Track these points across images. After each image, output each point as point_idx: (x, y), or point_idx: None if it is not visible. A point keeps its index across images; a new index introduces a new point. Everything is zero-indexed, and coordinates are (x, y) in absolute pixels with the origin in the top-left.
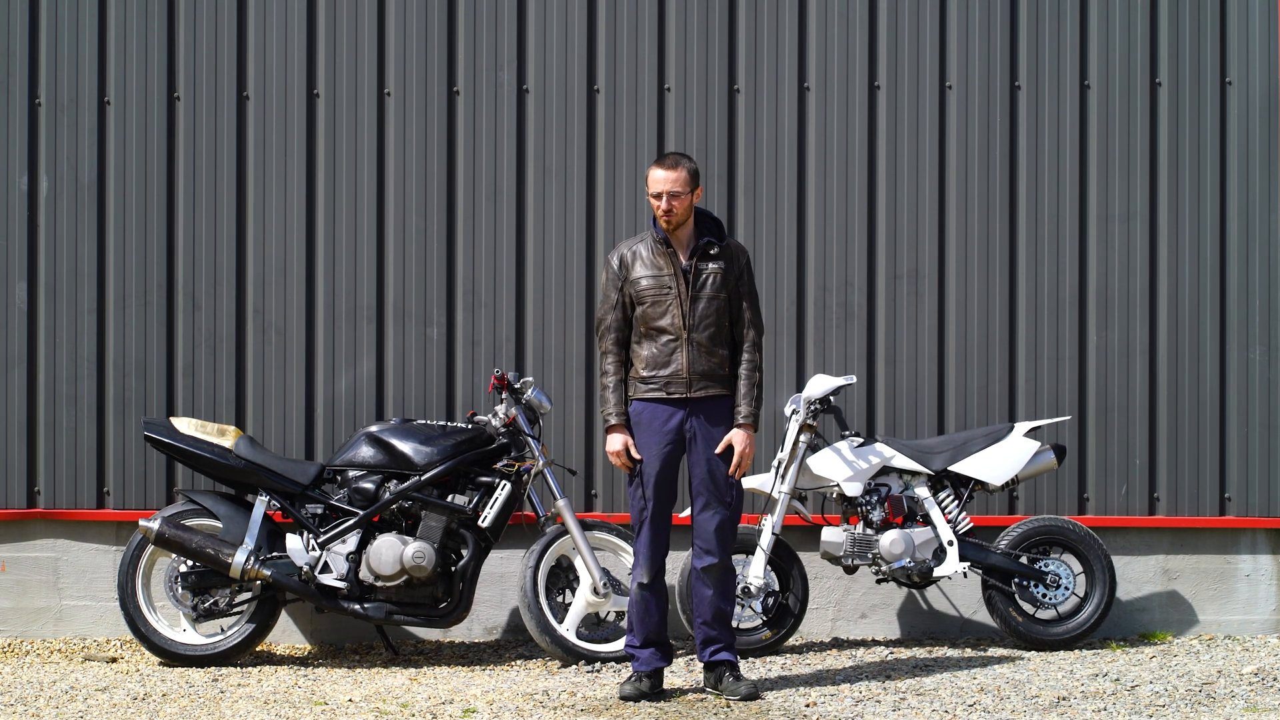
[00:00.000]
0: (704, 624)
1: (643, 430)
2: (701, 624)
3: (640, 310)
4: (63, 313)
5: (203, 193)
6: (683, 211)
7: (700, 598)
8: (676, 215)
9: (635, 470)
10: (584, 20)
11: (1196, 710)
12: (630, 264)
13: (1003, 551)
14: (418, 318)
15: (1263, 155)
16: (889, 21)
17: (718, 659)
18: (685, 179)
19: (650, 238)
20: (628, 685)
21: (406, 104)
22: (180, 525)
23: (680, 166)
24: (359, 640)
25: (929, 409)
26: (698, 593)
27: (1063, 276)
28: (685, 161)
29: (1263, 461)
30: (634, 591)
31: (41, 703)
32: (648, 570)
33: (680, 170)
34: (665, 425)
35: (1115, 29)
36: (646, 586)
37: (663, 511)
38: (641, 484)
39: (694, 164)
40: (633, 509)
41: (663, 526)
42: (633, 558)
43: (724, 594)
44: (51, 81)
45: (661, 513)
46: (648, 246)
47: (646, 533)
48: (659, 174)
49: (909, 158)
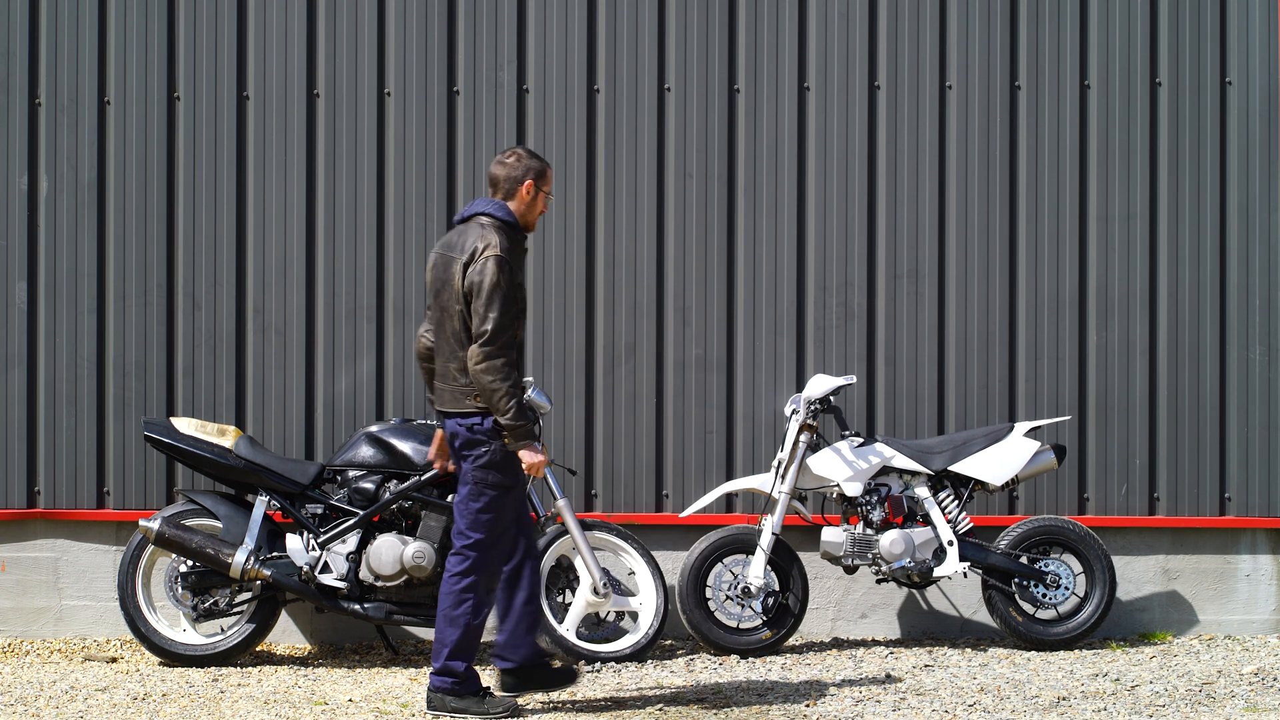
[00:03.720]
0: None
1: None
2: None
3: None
4: (63, 313)
5: (203, 193)
6: None
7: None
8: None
9: (517, 483)
10: (584, 20)
11: (1196, 710)
12: (514, 265)
13: (1003, 551)
14: (418, 317)
15: (1263, 155)
16: (889, 21)
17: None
18: None
19: (509, 238)
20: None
21: (406, 104)
22: (180, 525)
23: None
24: (359, 640)
25: (929, 409)
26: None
27: (1063, 276)
28: None
29: (1263, 461)
30: (538, 607)
31: (41, 703)
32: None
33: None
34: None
35: (1115, 29)
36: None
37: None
38: (511, 499)
39: None
40: (494, 523)
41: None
42: (529, 573)
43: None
44: (51, 81)
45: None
46: (515, 246)
47: (505, 544)
48: (551, 172)
49: (909, 158)
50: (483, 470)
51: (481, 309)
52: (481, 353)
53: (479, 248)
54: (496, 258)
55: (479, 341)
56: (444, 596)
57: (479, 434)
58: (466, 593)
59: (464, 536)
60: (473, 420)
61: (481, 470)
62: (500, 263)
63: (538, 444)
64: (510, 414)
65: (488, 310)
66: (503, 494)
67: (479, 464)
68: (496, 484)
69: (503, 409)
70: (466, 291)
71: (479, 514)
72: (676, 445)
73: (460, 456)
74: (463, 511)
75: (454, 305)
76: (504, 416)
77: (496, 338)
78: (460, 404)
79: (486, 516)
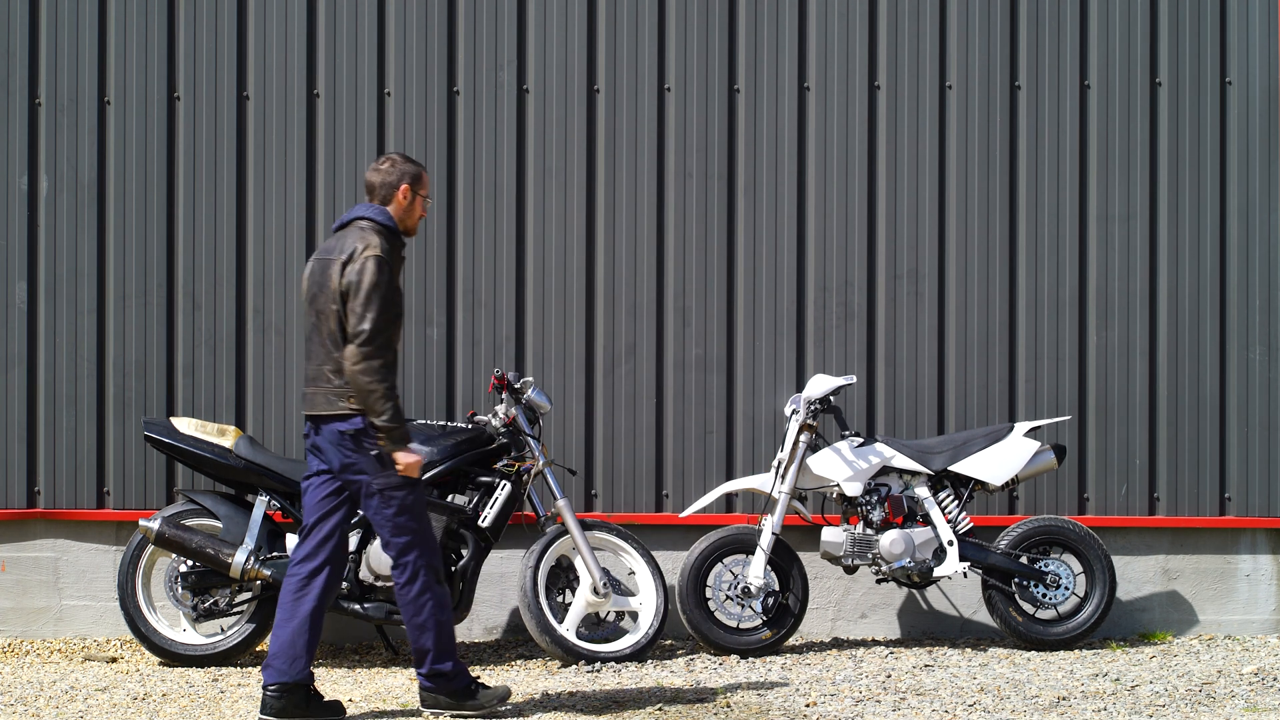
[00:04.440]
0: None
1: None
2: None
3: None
4: (63, 313)
5: (203, 193)
6: None
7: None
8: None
9: (410, 484)
10: (584, 20)
11: (1196, 710)
12: (394, 267)
13: (1003, 551)
14: (418, 318)
15: (1263, 155)
16: (889, 21)
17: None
18: None
19: (389, 241)
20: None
21: (406, 104)
22: (180, 525)
23: None
24: (359, 640)
25: (929, 409)
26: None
27: (1063, 276)
28: None
29: (1263, 461)
30: (444, 592)
31: (41, 703)
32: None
33: None
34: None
35: (1115, 29)
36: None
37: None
38: (419, 492)
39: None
40: (413, 521)
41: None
42: (428, 572)
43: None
44: (51, 81)
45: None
46: (394, 250)
47: (432, 534)
48: (427, 175)
49: (909, 158)
50: (383, 477)
51: (360, 308)
52: (359, 353)
53: (358, 248)
54: (376, 258)
55: (356, 341)
56: (404, 609)
57: (366, 440)
58: (422, 596)
59: (394, 546)
60: (354, 424)
61: (382, 477)
62: (380, 263)
63: (413, 446)
64: (386, 415)
65: (366, 310)
66: (411, 489)
67: (377, 471)
68: (400, 484)
69: (379, 410)
70: (344, 291)
71: (396, 519)
72: (676, 445)
73: (348, 467)
74: (381, 524)
75: (330, 306)
76: (380, 418)
77: (375, 338)
78: (334, 406)
79: (404, 518)
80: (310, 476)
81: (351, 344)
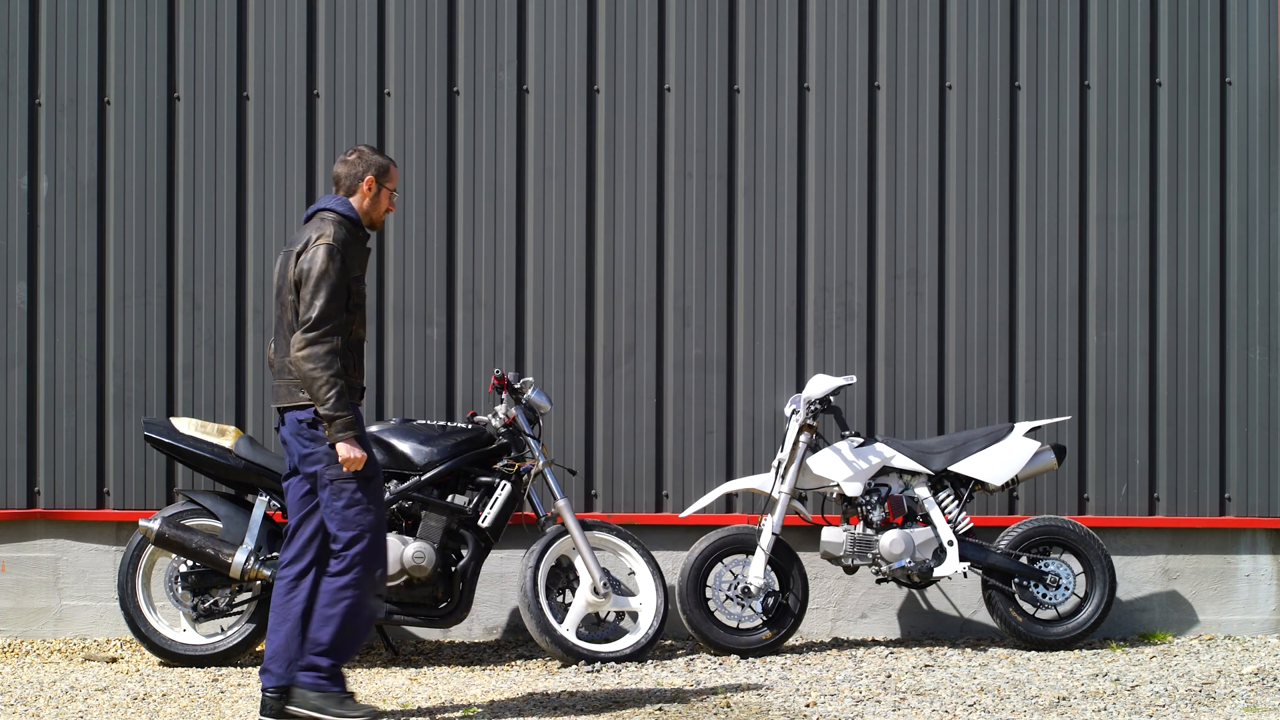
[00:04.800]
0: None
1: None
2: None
3: (347, 315)
4: (63, 313)
5: (203, 193)
6: None
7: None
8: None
9: (376, 471)
10: (584, 20)
11: (1196, 710)
12: (348, 257)
13: (1003, 551)
14: (418, 318)
15: (1263, 155)
16: (889, 21)
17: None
18: None
19: (347, 232)
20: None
21: (406, 104)
22: (180, 525)
23: None
24: None
25: (929, 409)
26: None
27: (1063, 276)
28: None
29: (1263, 461)
30: (369, 603)
31: (41, 703)
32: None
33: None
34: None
35: (1115, 29)
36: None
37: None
38: (372, 489)
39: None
40: (362, 515)
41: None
42: (364, 571)
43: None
44: (51, 81)
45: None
46: (354, 241)
47: (383, 539)
48: (395, 169)
49: (909, 158)
50: (336, 467)
51: (308, 296)
52: (304, 339)
53: (312, 237)
54: (327, 245)
55: (303, 328)
56: (321, 594)
57: (321, 428)
58: (344, 590)
59: (338, 539)
60: (309, 413)
61: (335, 467)
62: (330, 250)
63: (358, 436)
64: (330, 404)
65: (314, 297)
66: (364, 484)
67: (332, 461)
68: (352, 475)
69: (322, 398)
70: (296, 280)
71: (345, 511)
72: (676, 445)
73: (306, 457)
74: (330, 515)
75: (288, 297)
76: (323, 406)
77: (320, 324)
78: (295, 397)
79: (354, 511)
80: (289, 476)
81: (298, 330)
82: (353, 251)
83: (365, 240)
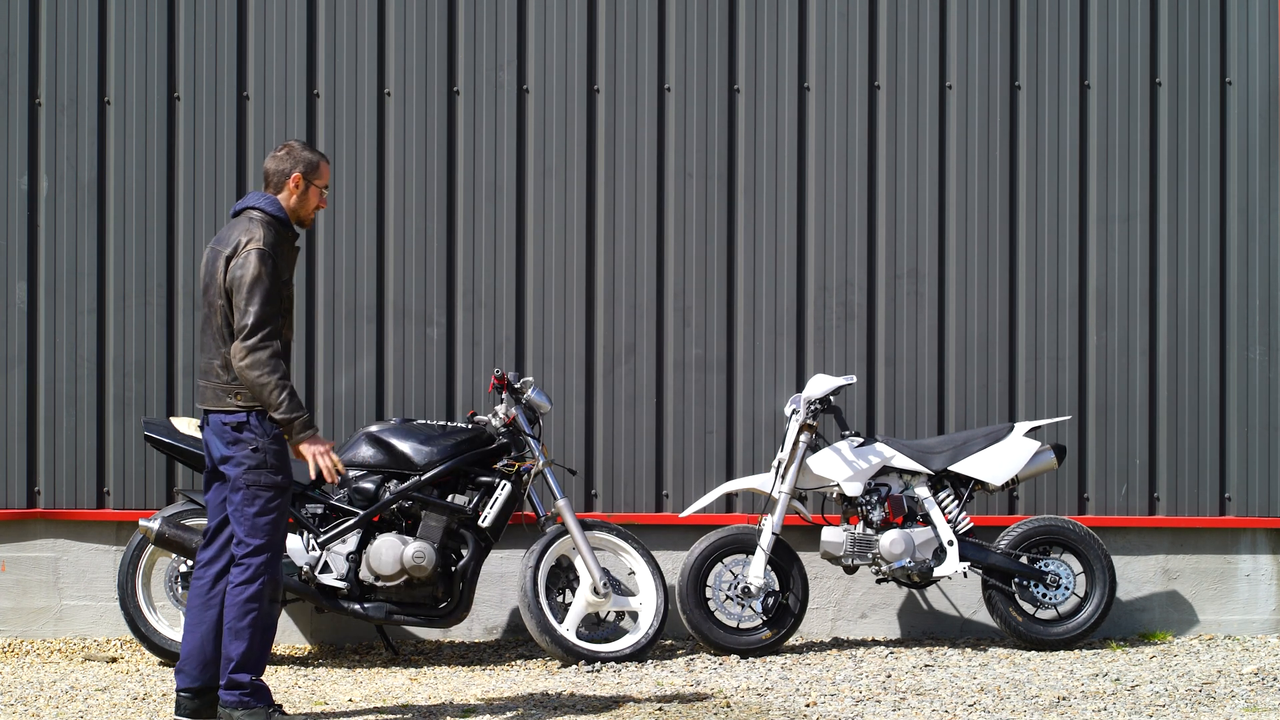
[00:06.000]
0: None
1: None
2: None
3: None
4: (63, 313)
5: (203, 193)
6: None
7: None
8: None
9: (278, 489)
10: (584, 20)
11: (1196, 710)
12: (278, 259)
13: (1003, 551)
14: (418, 318)
15: (1263, 155)
16: (889, 21)
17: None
18: None
19: (275, 230)
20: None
21: (406, 104)
22: (180, 525)
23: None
24: (359, 640)
25: (929, 409)
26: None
27: (1063, 276)
28: None
29: (1263, 461)
30: (273, 611)
31: (41, 703)
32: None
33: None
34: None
35: (1115, 29)
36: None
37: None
38: (285, 501)
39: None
40: (272, 527)
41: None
42: (269, 582)
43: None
44: (51, 81)
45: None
46: (283, 241)
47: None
48: (326, 166)
49: (909, 158)
50: (254, 472)
51: (243, 303)
52: (244, 348)
53: (241, 241)
54: (258, 250)
55: (241, 336)
56: (229, 608)
57: (246, 432)
58: (251, 603)
59: (244, 545)
60: (238, 418)
61: (253, 473)
62: (262, 255)
63: (318, 433)
64: (283, 407)
65: (249, 304)
66: (278, 494)
67: (249, 466)
68: (270, 484)
69: (275, 403)
70: (228, 287)
71: (256, 518)
72: (676, 445)
73: (225, 459)
74: (239, 519)
75: (217, 300)
76: (277, 411)
77: (259, 330)
78: (222, 401)
79: (265, 520)
80: (208, 475)
81: (237, 339)
82: (282, 253)
83: (294, 240)
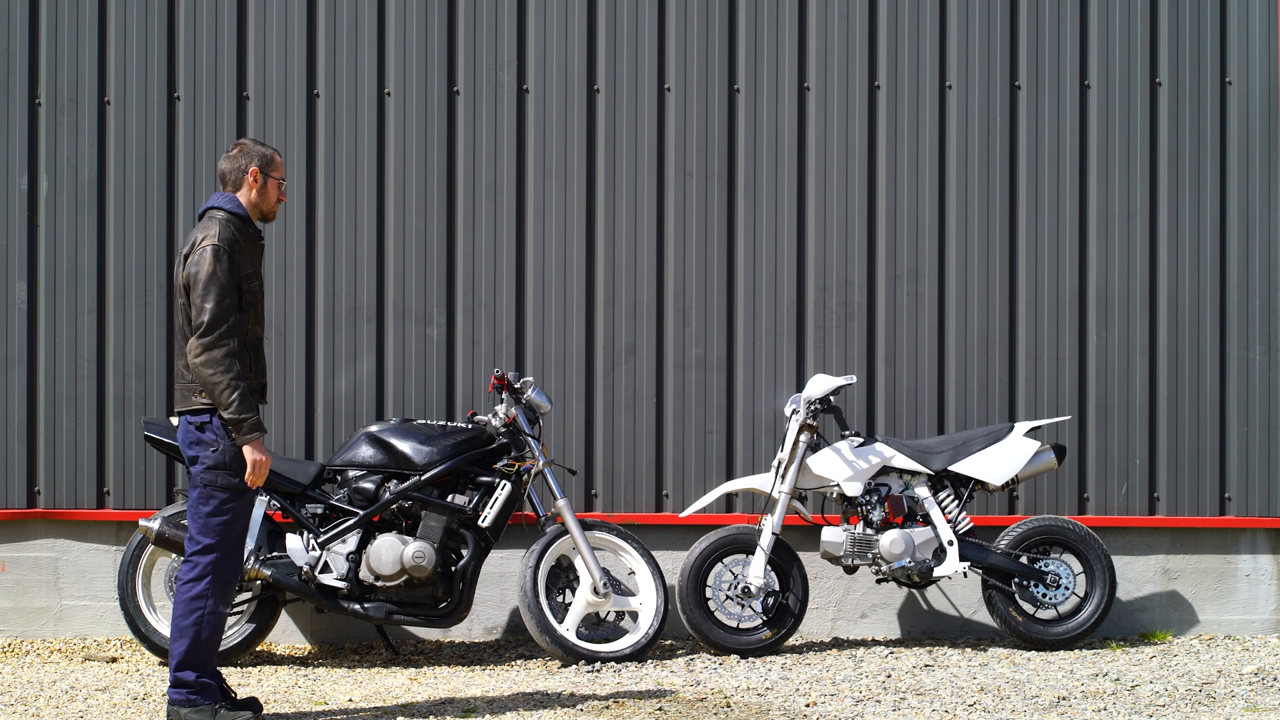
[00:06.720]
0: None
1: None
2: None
3: (241, 314)
4: (63, 313)
5: (203, 193)
6: None
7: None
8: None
9: (235, 491)
10: (584, 20)
11: (1196, 710)
12: (235, 255)
13: (1003, 551)
14: (418, 318)
15: (1263, 155)
16: (889, 21)
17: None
18: None
19: (235, 228)
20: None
21: (406, 104)
22: (180, 525)
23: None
24: (359, 640)
25: (929, 409)
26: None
27: (1063, 276)
28: None
29: (1263, 461)
30: (221, 611)
31: (41, 703)
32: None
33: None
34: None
35: (1115, 29)
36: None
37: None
38: (243, 503)
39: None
40: (225, 527)
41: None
42: (216, 582)
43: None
44: (51, 81)
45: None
46: (242, 237)
47: (240, 553)
48: (280, 159)
49: (909, 158)
50: (211, 472)
51: (199, 300)
52: (199, 344)
53: (198, 239)
54: (213, 247)
55: (196, 334)
56: (176, 605)
57: (208, 432)
58: (197, 601)
59: (195, 543)
60: (201, 418)
61: (210, 472)
62: (216, 251)
63: (262, 439)
64: (233, 407)
65: (204, 301)
66: (234, 496)
67: (207, 465)
68: (227, 485)
69: (225, 401)
70: (185, 285)
71: (209, 518)
72: (676, 445)
73: (190, 458)
74: (193, 515)
75: (178, 300)
76: (227, 410)
77: (213, 328)
78: (188, 401)
79: (218, 520)
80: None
81: (192, 336)
82: (241, 249)
83: (257, 236)
